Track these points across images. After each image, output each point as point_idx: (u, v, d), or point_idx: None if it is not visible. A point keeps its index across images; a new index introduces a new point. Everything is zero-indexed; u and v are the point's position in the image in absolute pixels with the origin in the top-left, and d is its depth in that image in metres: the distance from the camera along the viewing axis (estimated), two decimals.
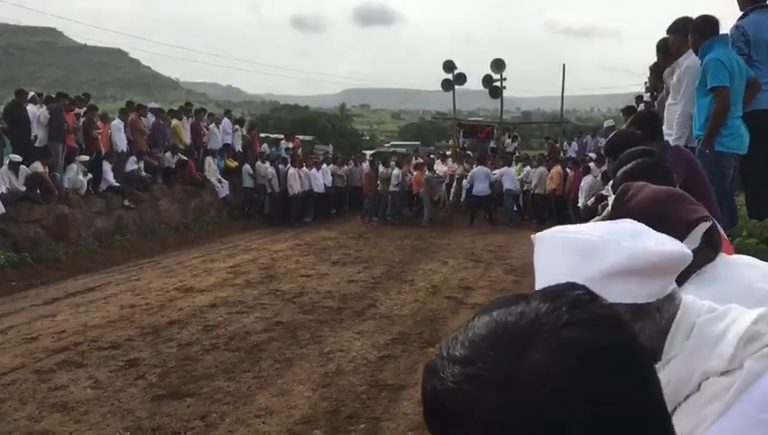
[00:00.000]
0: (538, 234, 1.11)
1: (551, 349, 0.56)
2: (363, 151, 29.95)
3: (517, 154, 21.57)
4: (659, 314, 1.03)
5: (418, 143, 47.41)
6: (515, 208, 17.93)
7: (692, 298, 1.07)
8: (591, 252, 0.99)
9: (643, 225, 1.06)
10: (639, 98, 11.11)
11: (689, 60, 4.90)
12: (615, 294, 0.97)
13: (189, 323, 7.50)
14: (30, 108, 11.97)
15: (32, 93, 12.80)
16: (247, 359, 6.34)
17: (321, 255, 12.35)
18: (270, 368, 6.09)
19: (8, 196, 10.64)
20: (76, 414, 5.00)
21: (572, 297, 0.61)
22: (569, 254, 1.01)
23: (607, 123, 9.81)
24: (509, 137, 23.87)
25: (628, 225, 1.05)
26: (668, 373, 1.00)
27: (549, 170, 16.80)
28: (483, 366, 0.58)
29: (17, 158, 11.13)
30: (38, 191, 11.27)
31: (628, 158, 2.55)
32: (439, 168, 19.02)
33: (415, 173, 17.49)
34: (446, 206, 17.76)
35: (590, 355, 0.56)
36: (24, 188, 11.10)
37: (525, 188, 17.78)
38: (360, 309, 8.31)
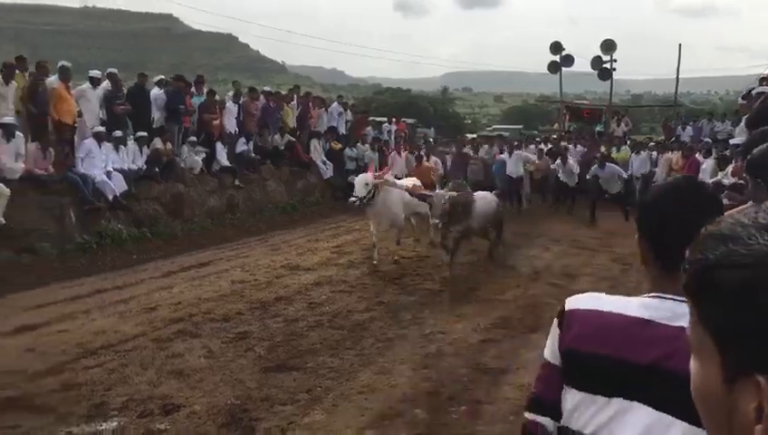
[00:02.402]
0: None
1: None
2: (466, 135, 29.67)
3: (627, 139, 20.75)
4: None
5: (521, 127, 46.50)
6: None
7: None
8: None
9: None
10: (764, 79, 10.44)
11: None
12: None
13: (295, 300, 7.75)
14: (153, 91, 12.65)
15: (159, 77, 13.48)
16: (350, 337, 6.50)
17: (423, 237, 12.37)
18: (372, 347, 6.22)
19: (131, 173, 11.32)
20: (191, 381, 5.29)
21: None
22: None
23: (759, 88, 8.53)
24: (618, 120, 23.02)
25: None
26: None
27: (666, 155, 16.13)
28: None
29: (144, 134, 11.85)
30: (157, 169, 11.93)
31: (762, 137, 2.39)
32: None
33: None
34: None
35: None
36: (144, 167, 11.78)
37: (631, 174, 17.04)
38: (461, 292, 8.32)
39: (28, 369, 5.48)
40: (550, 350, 1.40)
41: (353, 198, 9.66)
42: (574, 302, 1.40)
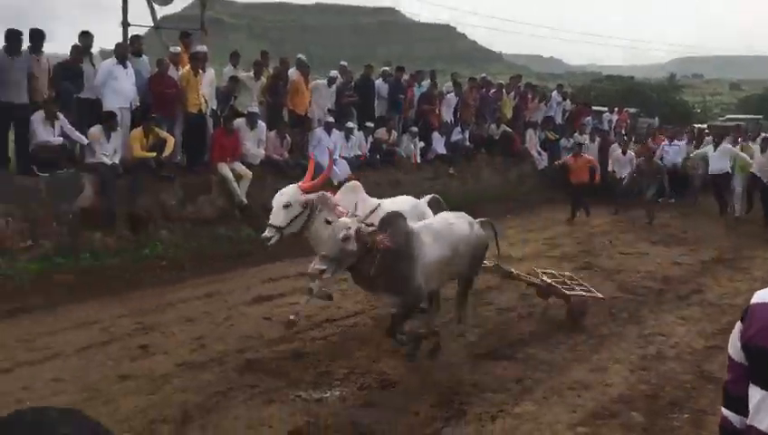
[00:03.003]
0: None
1: None
2: (694, 125, 27.44)
3: None
4: None
5: (760, 117, 42.03)
6: None
7: None
8: None
9: None
10: None
11: None
12: None
13: (507, 290, 7.72)
14: (377, 82, 13.29)
15: (383, 68, 14.13)
16: (562, 330, 6.40)
17: (642, 233, 11.76)
18: (585, 343, 6.09)
19: (354, 161, 12.03)
20: (406, 361, 5.54)
21: None
22: None
23: None
24: None
25: None
26: None
27: None
28: None
29: (371, 124, 12.54)
30: (378, 157, 12.55)
31: None
32: None
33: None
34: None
35: None
36: (368, 154, 12.46)
37: None
38: (685, 294, 7.84)
39: (264, 335, 6.11)
40: (732, 345, 1.35)
41: (266, 233, 5.87)
42: (758, 296, 1.33)
